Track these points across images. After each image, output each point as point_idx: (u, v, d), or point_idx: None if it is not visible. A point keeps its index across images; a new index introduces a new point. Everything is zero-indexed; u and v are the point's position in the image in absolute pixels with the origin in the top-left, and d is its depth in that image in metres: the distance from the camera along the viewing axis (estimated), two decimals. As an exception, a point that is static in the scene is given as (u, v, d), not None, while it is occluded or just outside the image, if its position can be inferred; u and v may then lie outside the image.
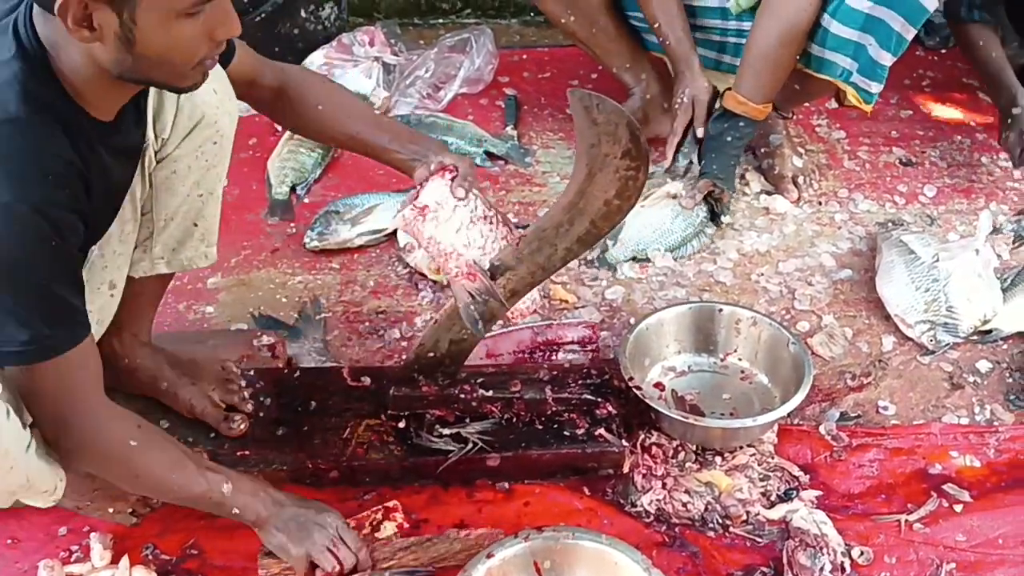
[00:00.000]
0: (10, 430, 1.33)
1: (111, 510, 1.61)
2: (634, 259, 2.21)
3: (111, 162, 1.37)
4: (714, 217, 2.27)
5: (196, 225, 1.64)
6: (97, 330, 1.58)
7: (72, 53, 1.25)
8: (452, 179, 1.56)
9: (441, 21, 3.22)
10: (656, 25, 2.30)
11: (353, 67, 2.70)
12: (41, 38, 1.25)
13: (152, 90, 1.47)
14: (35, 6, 1.25)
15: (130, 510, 1.61)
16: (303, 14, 2.81)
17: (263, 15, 2.73)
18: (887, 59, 2.10)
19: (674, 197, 2.25)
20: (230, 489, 1.46)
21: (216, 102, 1.55)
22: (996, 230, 2.23)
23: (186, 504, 1.53)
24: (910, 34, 2.07)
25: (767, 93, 2.20)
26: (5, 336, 1.25)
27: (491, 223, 1.60)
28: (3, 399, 1.33)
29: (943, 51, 2.98)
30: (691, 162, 2.31)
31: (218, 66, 1.52)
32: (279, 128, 2.61)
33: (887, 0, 2.02)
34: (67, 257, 1.30)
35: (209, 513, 1.62)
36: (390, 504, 1.62)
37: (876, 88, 2.15)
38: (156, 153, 1.54)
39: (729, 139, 2.26)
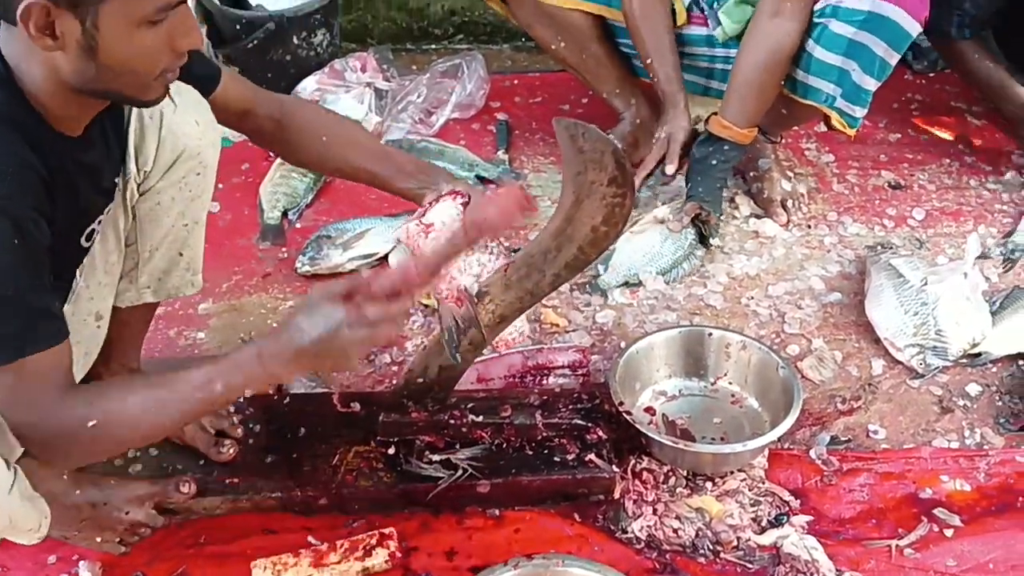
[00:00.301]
0: None
1: (99, 539, 1.60)
2: (626, 284, 2.22)
3: (78, 179, 1.36)
4: (703, 240, 2.28)
5: (181, 254, 1.64)
6: (85, 361, 1.58)
7: (34, 67, 1.25)
8: (463, 204, 1.58)
9: (433, 47, 3.24)
10: (648, 61, 2.32)
11: (345, 93, 2.71)
12: (5, 56, 1.25)
13: (134, 122, 1.48)
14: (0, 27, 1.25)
15: (118, 539, 1.60)
16: (295, 40, 2.83)
17: (256, 41, 2.75)
18: (871, 84, 2.12)
19: (662, 222, 2.26)
20: (222, 387, 1.33)
21: (198, 133, 1.55)
22: (984, 255, 2.24)
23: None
24: (894, 59, 2.09)
25: (752, 118, 2.22)
26: None
27: (491, 253, 1.63)
28: None
29: (931, 75, 3.00)
30: (653, 195, 2.35)
31: (200, 97, 1.53)
32: (270, 154, 2.63)
33: (870, 26, 2.04)
34: (31, 257, 1.26)
35: (198, 540, 1.63)
36: (386, 531, 1.62)
37: (860, 113, 2.17)
38: (139, 185, 1.54)
39: (714, 162, 2.27)
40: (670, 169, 2.31)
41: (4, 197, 1.22)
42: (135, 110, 1.47)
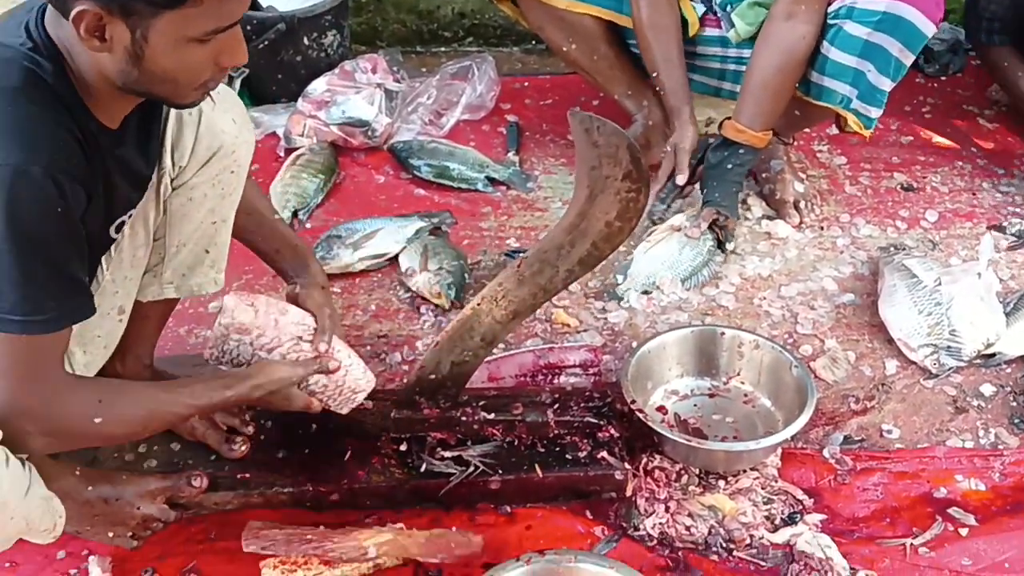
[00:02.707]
0: (9, 478, 1.30)
1: (111, 534, 1.59)
2: (645, 292, 2.19)
3: (113, 170, 1.37)
4: (720, 245, 2.26)
5: (207, 252, 1.64)
6: (104, 354, 1.59)
7: (82, 56, 1.27)
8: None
9: (443, 49, 3.25)
10: (655, 74, 2.32)
11: (355, 94, 2.71)
12: (53, 38, 1.27)
13: (172, 118, 1.49)
14: (48, 9, 1.26)
15: (130, 534, 1.60)
16: (306, 41, 2.84)
17: (267, 42, 2.75)
18: (886, 84, 2.11)
19: (679, 229, 2.23)
20: (208, 402, 1.49)
21: (235, 132, 1.56)
22: (999, 228, 2.21)
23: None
24: (908, 59, 2.09)
25: (767, 121, 2.21)
26: (3, 301, 1.22)
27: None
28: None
29: (943, 78, 2.99)
30: (667, 207, 2.33)
31: (236, 96, 1.54)
32: (281, 154, 2.63)
33: (885, 26, 2.04)
34: (73, 228, 1.28)
35: (209, 536, 1.63)
36: (396, 526, 1.61)
37: (876, 113, 2.17)
38: (172, 180, 1.54)
39: (730, 167, 2.26)
40: (680, 180, 2.30)
41: (54, 166, 1.23)
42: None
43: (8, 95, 1.23)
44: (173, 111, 1.49)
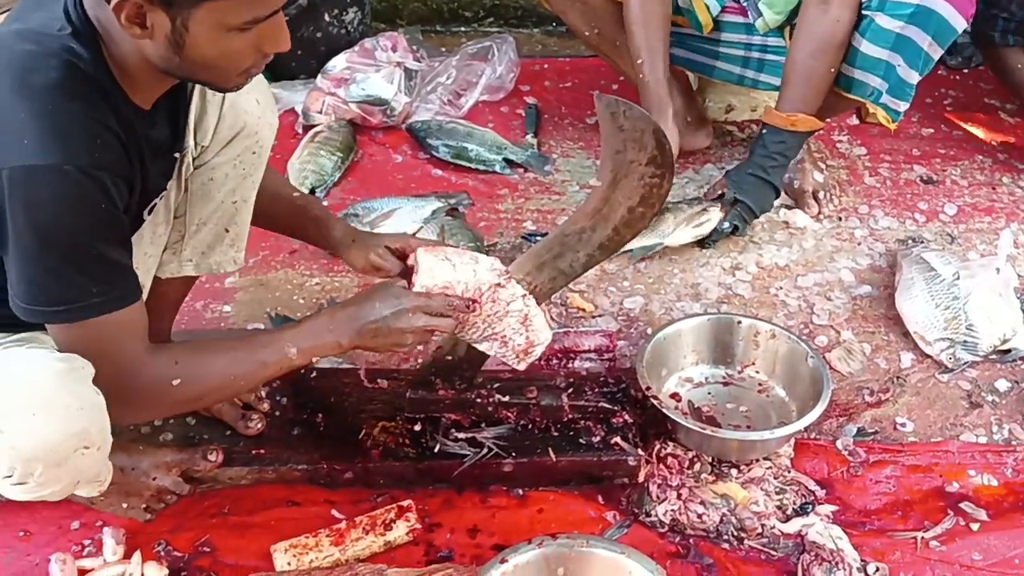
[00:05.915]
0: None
1: (125, 505, 1.60)
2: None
3: (146, 152, 1.37)
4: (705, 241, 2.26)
5: (227, 231, 1.64)
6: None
7: (121, 39, 1.26)
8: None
9: (463, 29, 3.24)
10: (639, 61, 2.24)
11: (375, 72, 2.71)
12: (92, 19, 1.26)
13: (195, 97, 1.49)
14: None
15: (144, 506, 1.61)
16: (327, 18, 2.83)
17: (287, 18, 2.71)
18: (914, 78, 2.10)
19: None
20: (296, 351, 1.42)
21: (258, 112, 1.56)
22: None
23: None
24: (937, 54, 2.07)
25: (809, 108, 2.17)
26: (49, 296, 1.25)
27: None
28: None
29: (965, 71, 2.97)
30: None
31: (261, 76, 1.53)
32: (299, 131, 2.63)
33: (918, 19, 2.02)
34: (114, 219, 1.29)
35: (222, 511, 1.64)
36: (404, 504, 1.62)
37: (903, 107, 2.16)
38: (194, 159, 1.54)
39: (771, 162, 2.22)
40: None
41: (93, 163, 1.23)
42: (199, 85, 1.48)
43: (48, 94, 1.22)
44: (197, 90, 1.49)
